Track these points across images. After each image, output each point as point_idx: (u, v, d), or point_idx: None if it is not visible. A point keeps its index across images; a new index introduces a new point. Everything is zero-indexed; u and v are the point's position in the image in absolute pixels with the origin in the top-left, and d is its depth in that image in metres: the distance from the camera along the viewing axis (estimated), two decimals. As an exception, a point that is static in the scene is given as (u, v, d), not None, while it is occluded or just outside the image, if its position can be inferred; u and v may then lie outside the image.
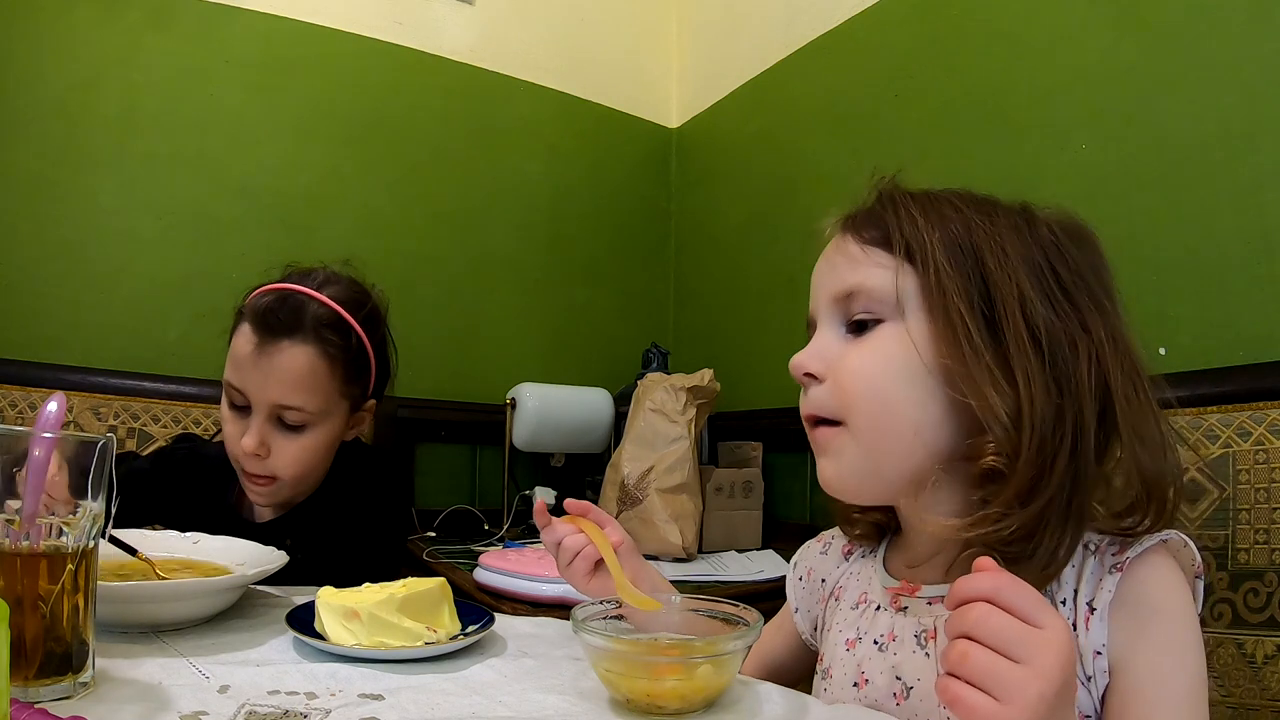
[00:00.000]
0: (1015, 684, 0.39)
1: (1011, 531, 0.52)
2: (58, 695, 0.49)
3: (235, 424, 0.92)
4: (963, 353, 0.54)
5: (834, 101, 1.70)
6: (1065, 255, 0.57)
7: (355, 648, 0.60)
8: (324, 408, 0.92)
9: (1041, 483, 0.52)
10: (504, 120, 2.00)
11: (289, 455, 0.91)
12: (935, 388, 0.55)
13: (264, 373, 0.89)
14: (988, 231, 0.56)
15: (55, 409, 0.54)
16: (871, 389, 0.57)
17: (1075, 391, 0.53)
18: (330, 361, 0.91)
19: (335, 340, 0.92)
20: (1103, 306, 0.56)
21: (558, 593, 1.10)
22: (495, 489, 1.86)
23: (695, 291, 2.16)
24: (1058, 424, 0.52)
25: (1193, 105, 1.07)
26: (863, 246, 0.59)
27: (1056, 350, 0.53)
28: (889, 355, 0.57)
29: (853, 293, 0.58)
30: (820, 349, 0.60)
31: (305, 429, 0.92)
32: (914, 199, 0.59)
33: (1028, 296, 0.54)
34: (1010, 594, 0.41)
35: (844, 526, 0.70)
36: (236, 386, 0.90)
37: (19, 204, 1.49)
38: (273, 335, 0.89)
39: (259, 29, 1.71)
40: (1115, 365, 0.54)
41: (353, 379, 0.95)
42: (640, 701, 0.52)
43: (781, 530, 1.63)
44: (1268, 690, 0.80)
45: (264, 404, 0.90)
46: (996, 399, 0.52)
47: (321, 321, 0.91)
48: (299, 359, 0.89)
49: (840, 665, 0.64)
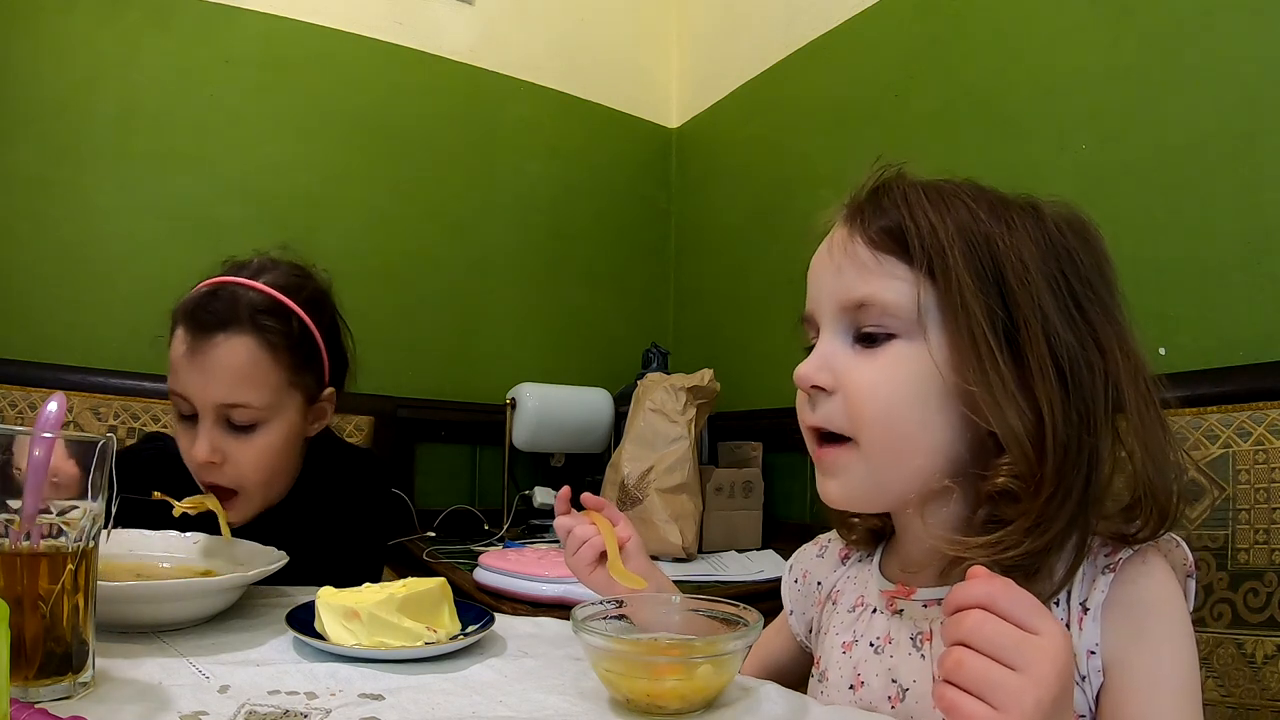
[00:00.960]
0: (1011, 691, 0.39)
1: (1021, 553, 0.51)
2: (58, 695, 0.49)
3: (185, 435, 0.86)
4: (987, 377, 0.52)
5: (834, 102, 1.70)
6: (1076, 261, 0.55)
7: (355, 648, 0.60)
8: (273, 401, 0.86)
9: (1058, 506, 0.51)
10: (504, 120, 2.00)
11: (246, 460, 0.85)
12: (952, 410, 0.54)
13: (202, 372, 0.83)
14: (1007, 242, 0.54)
15: (55, 409, 0.55)
16: (887, 409, 0.55)
17: (1093, 416, 0.52)
18: (272, 350, 0.86)
19: (275, 327, 0.86)
20: (1113, 317, 0.55)
21: (558, 593, 1.10)
22: (495, 489, 1.86)
23: (695, 291, 2.16)
24: (1079, 450, 0.51)
25: (1193, 105, 1.07)
26: (875, 253, 0.55)
27: (1076, 375, 0.52)
28: (907, 375, 0.54)
29: (864, 304, 0.55)
30: (827, 359, 0.57)
31: (257, 428, 0.86)
32: (928, 195, 0.56)
33: (1050, 318, 0.52)
34: (1005, 600, 0.41)
35: (841, 531, 0.70)
36: (179, 393, 0.85)
37: (19, 204, 1.49)
38: (206, 331, 0.83)
39: (259, 29, 1.71)
40: (1129, 383, 0.53)
41: (301, 367, 0.89)
42: (640, 701, 0.53)
43: (781, 530, 1.63)
44: (1267, 690, 0.80)
45: (209, 406, 0.84)
46: (1019, 424, 0.51)
47: (257, 309, 0.85)
48: (237, 351, 0.84)
49: (836, 668, 0.64)
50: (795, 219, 0.60)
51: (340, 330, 0.97)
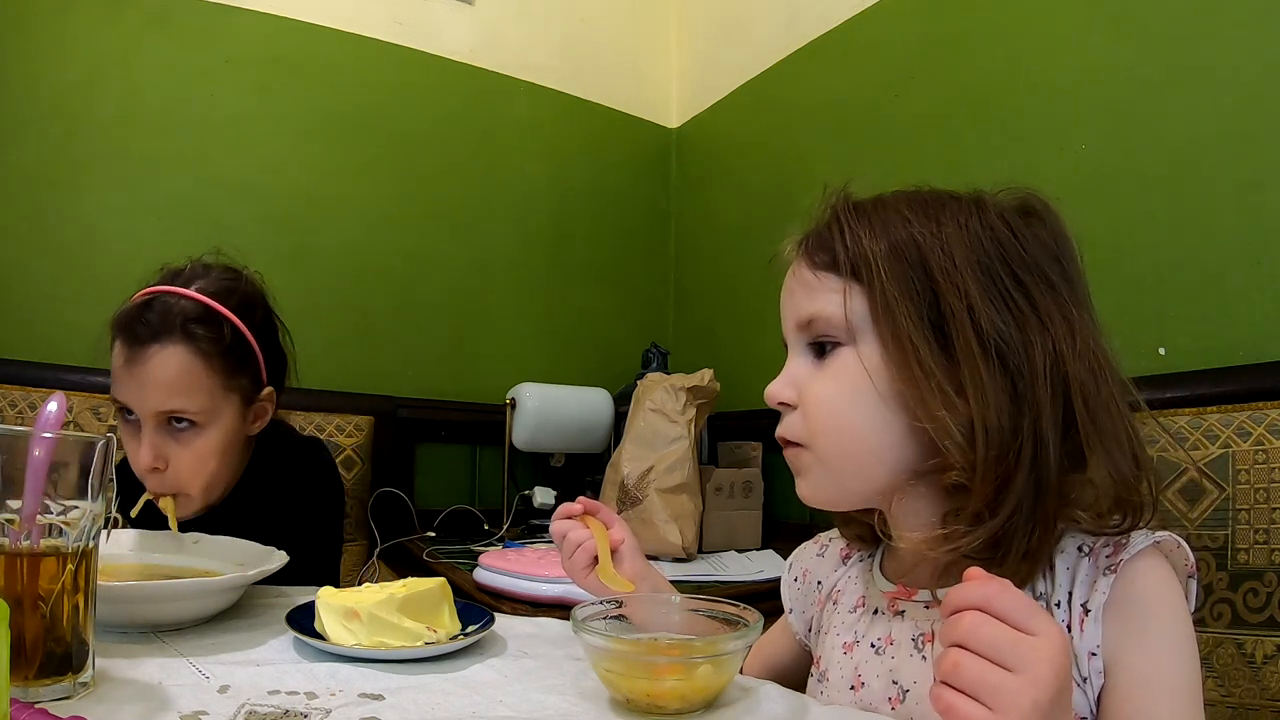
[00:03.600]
0: (1008, 693, 0.39)
1: (978, 543, 0.52)
2: (58, 695, 0.49)
3: (131, 441, 0.90)
4: (914, 375, 0.53)
5: (834, 102, 1.70)
6: (1020, 244, 0.55)
7: (355, 648, 0.60)
8: (209, 405, 0.89)
9: (1004, 494, 0.51)
10: (504, 121, 2.00)
11: (186, 463, 0.89)
12: (891, 411, 0.55)
13: (139, 382, 0.87)
14: (934, 238, 0.55)
15: (55, 409, 0.55)
16: (833, 418, 0.58)
17: (1032, 397, 0.52)
18: (205, 358, 0.88)
19: (206, 335, 0.89)
20: (1060, 298, 0.54)
21: (558, 593, 1.10)
22: (495, 489, 1.86)
23: (695, 291, 2.16)
24: (1014, 433, 0.51)
25: (1193, 105, 1.07)
26: (815, 272, 0.59)
27: (1009, 357, 0.52)
28: (849, 382, 0.57)
29: (811, 321, 0.59)
30: (791, 377, 0.61)
31: (196, 432, 0.89)
32: (860, 212, 0.59)
33: (976, 305, 0.53)
34: (1002, 602, 0.41)
35: (841, 528, 0.71)
36: (119, 400, 0.89)
37: (19, 204, 1.49)
38: (140, 343, 0.87)
39: (259, 29, 1.71)
40: (1075, 361, 0.52)
41: (235, 371, 0.92)
42: (640, 701, 0.53)
43: (781, 530, 1.63)
44: (1267, 690, 0.80)
45: (148, 414, 0.87)
46: (948, 418, 0.52)
47: (189, 318, 0.88)
48: (170, 362, 0.87)
49: (837, 668, 0.64)
50: (795, 219, 0.60)
51: (276, 330, 0.99)
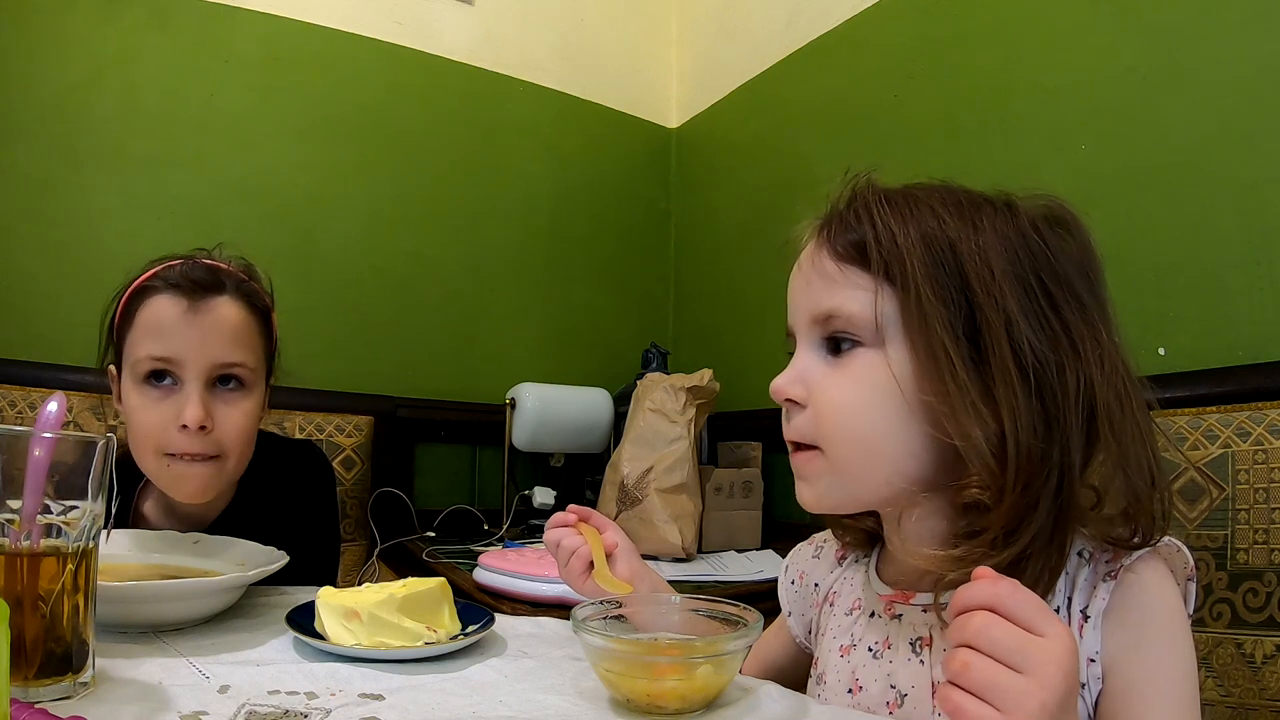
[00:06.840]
0: (1016, 694, 0.39)
1: (991, 566, 0.51)
2: (58, 695, 0.49)
3: (158, 408, 0.83)
4: (946, 388, 0.51)
5: (833, 102, 1.70)
6: (1051, 258, 0.53)
7: (355, 648, 0.60)
8: (256, 367, 0.88)
9: (1027, 518, 0.50)
10: (504, 120, 2.00)
11: (233, 422, 0.85)
12: (916, 422, 0.53)
13: (201, 331, 0.83)
14: (971, 243, 0.53)
15: (55, 409, 0.55)
16: (852, 422, 0.55)
17: (1063, 421, 0.51)
18: (258, 318, 0.89)
19: (256, 294, 0.90)
20: (1089, 316, 0.53)
21: (558, 593, 1.10)
22: (495, 489, 1.86)
23: (695, 292, 2.16)
24: (1044, 458, 0.50)
25: (1193, 105, 1.07)
26: (839, 264, 0.56)
27: (1044, 380, 0.51)
28: (869, 386, 0.54)
29: (830, 316, 0.56)
30: (801, 372, 0.58)
31: (245, 392, 0.87)
32: (891, 204, 0.55)
33: (1013, 319, 0.51)
34: (1011, 602, 0.41)
35: (836, 532, 0.70)
36: (164, 357, 0.83)
37: (19, 204, 1.49)
38: (204, 292, 0.85)
39: (259, 29, 1.71)
40: (1104, 386, 0.51)
41: (268, 343, 0.92)
42: (640, 701, 0.52)
43: (781, 530, 1.63)
44: (1267, 690, 0.80)
45: (203, 368, 0.83)
46: (979, 435, 0.50)
47: (239, 281, 0.89)
48: (234, 313, 0.86)
49: (834, 671, 0.64)
50: (795, 219, 0.60)
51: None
